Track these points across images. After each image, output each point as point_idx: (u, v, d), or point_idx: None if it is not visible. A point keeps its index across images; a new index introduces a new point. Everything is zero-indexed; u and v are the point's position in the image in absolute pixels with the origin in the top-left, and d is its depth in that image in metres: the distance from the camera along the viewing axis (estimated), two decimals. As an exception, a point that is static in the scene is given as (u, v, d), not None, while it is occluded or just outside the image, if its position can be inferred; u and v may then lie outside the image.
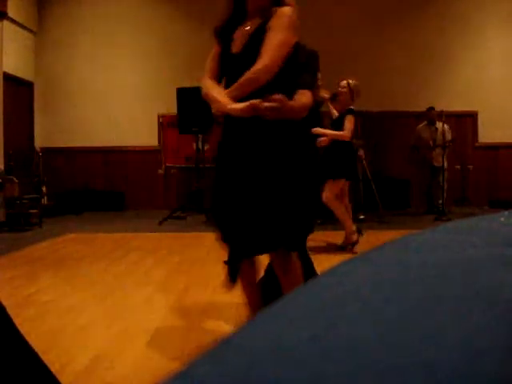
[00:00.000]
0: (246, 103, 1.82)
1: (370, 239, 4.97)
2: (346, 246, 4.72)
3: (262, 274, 2.41)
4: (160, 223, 6.71)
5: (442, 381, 0.21)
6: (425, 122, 7.82)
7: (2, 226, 6.40)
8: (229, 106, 1.90)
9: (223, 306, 2.98)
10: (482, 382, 0.21)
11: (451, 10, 8.80)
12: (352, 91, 4.69)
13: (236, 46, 2.05)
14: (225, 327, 2.60)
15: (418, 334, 0.25)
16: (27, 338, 1.24)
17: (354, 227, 4.71)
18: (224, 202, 2.06)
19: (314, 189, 2.21)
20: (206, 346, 0.25)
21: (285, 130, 1.98)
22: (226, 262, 2.17)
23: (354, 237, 4.68)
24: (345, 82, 4.73)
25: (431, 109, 7.72)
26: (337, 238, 5.03)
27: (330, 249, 4.83)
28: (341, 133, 4.57)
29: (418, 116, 8.18)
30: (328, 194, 4.56)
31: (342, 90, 4.71)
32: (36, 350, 1.25)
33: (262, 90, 1.87)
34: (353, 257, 0.43)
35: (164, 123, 8.82)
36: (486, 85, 8.83)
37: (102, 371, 2.06)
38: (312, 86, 2.13)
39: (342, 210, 4.64)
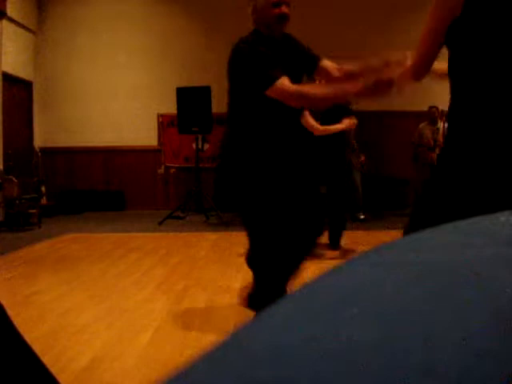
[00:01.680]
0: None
1: (370, 239, 4.97)
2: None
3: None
4: (160, 223, 6.71)
5: (442, 381, 0.21)
6: (426, 122, 7.78)
7: (1, 225, 6.40)
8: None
9: (223, 306, 2.98)
10: (481, 382, 0.21)
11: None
12: None
13: None
14: (224, 327, 2.60)
15: (418, 333, 0.25)
16: (27, 338, 1.24)
17: None
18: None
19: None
20: (206, 346, 0.25)
21: None
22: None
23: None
24: None
25: (433, 107, 7.67)
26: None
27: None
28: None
29: (418, 115, 8.18)
30: None
31: None
32: (36, 350, 1.25)
33: None
34: (355, 256, 0.43)
35: (164, 123, 8.82)
36: (485, 84, 8.82)
37: (102, 371, 2.06)
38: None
39: None
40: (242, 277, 3.71)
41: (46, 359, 1.32)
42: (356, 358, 0.23)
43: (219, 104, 8.09)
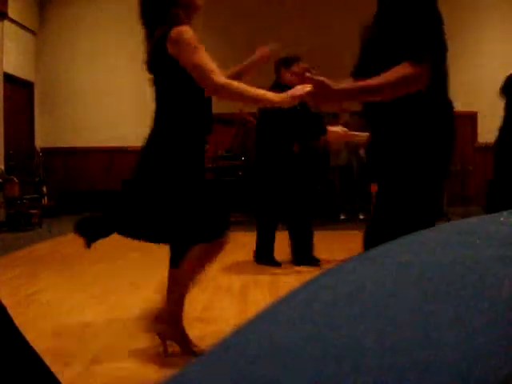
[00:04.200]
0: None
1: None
2: None
3: None
4: (160, 223, 6.71)
5: (441, 381, 0.21)
6: None
7: (2, 226, 6.40)
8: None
9: (223, 307, 2.98)
10: (481, 382, 0.21)
11: (450, 9, 8.79)
12: None
13: None
14: (224, 328, 2.60)
15: (418, 334, 0.25)
16: (28, 337, 1.24)
17: None
18: None
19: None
20: (206, 346, 0.25)
21: None
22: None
23: None
24: None
25: None
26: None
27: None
28: None
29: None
30: None
31: None
32: (36, 349, 1.25)
33: None
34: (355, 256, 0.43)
35: (164, 123, 8.82)
36: (485, 85, 8.82)
37: (102, 371, 2.06)
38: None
39: None
40: (242, 277, 3.71)
41: (47, 359, 1.32)
42: (356, 358, 0.23)
43: (219, 104, 8.09)
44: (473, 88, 8.82)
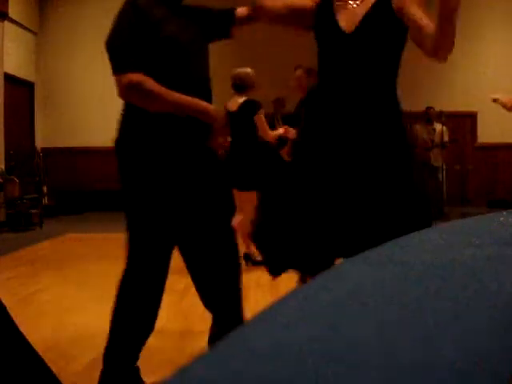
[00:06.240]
0: None
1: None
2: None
3: None
4: (160, 223, 6.72)
5: (441, 380, 0.21)
6: (421, 123, 7.81)
7: (2, 225, 6.40)
8: None
9: (223, 306, 2.98)
10: (481, 382, 0.21)
11: (451, 10, 8.80)
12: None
13: (346, 25, 1.70)
14: (225, 327, 2.60)
15: (418, 334, 0.25)
16: (28, 337, 1.24)
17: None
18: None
19: None
20: (206, 346, 0.25)
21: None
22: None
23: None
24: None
25: (430, 108, 7.74)
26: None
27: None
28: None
29: (418, 116, 8.18)
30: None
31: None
32: (37, 349, 1.25)
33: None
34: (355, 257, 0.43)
35: (164, 123, 8.83)
36: (485, 85, 8.82)
37: (103, 371, 2.05)
38: None
39: None
40: (242, 277, 3.71)
41: (47, 358, 1.32)
42: (356, 358, 0.23)
43: (219, 105, 8.10)
44: (473, 88, 8.82)
